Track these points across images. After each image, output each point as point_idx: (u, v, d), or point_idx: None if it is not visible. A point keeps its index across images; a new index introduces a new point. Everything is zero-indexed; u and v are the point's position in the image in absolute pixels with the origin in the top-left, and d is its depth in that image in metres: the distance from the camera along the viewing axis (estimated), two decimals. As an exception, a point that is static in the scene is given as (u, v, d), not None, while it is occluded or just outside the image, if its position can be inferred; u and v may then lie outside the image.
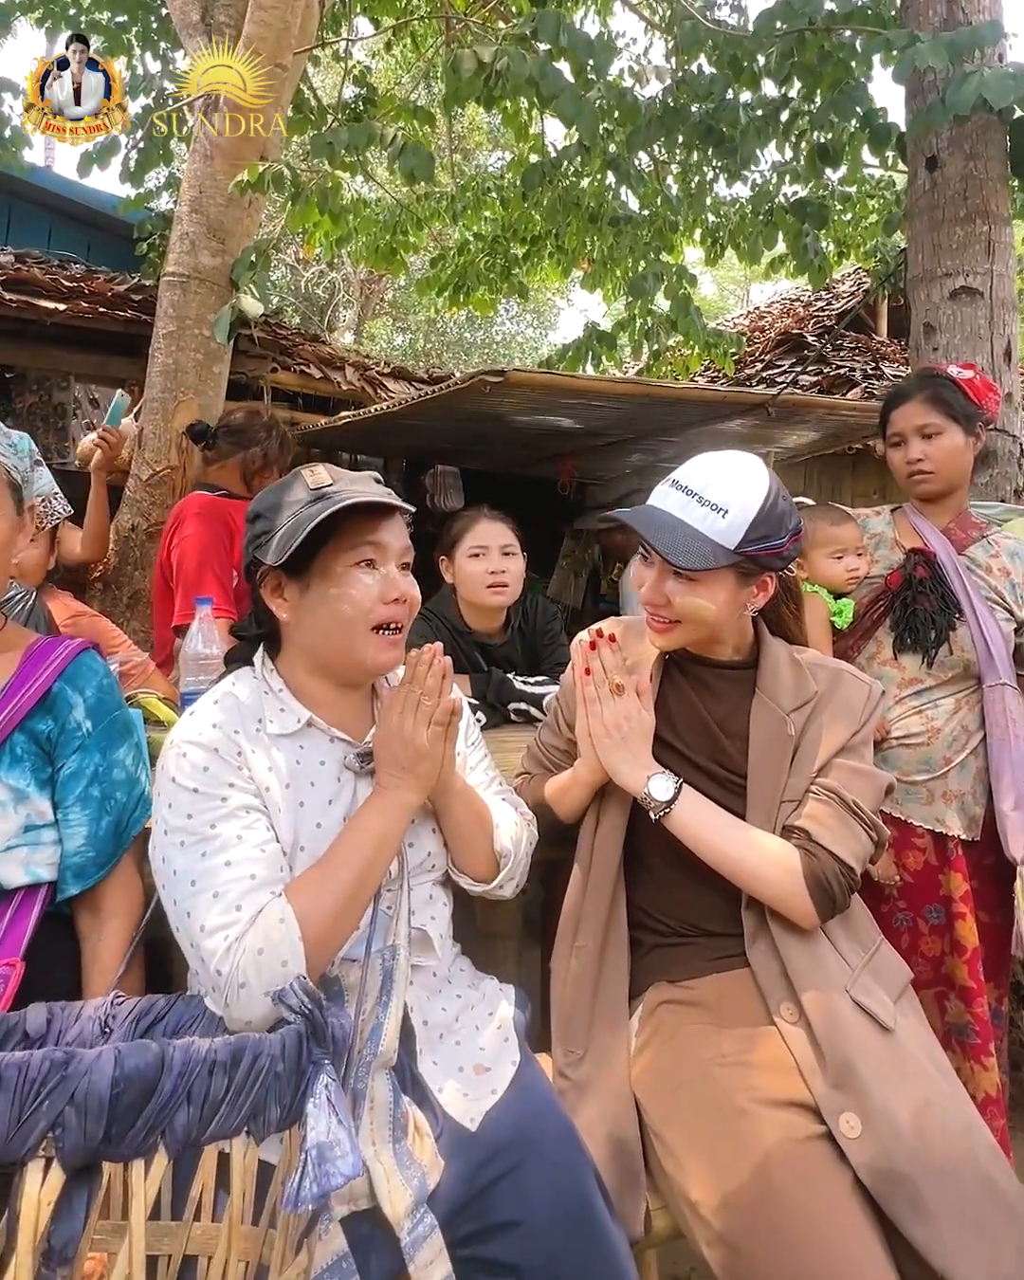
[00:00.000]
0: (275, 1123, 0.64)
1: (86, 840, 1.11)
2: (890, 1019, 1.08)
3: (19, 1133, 0.56)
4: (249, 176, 2.80)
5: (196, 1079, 0.60)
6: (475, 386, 2.33)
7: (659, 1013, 1.14)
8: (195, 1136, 0.60)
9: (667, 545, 1.12)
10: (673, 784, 1.17)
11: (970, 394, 1.87)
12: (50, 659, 1.14)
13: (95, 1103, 0.57)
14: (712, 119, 2.94)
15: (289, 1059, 0.65)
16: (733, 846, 1.14)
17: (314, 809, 1.05)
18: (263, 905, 0.93)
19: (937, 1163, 0.95)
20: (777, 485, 1.18)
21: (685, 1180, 0.97)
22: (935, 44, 2.24)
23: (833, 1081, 1.00)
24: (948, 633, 1.77)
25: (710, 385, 3.70)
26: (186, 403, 2.94)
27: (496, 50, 2.38)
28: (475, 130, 12.35)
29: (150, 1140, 0.59)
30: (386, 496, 1.08)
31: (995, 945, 1.73)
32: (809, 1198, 0.90)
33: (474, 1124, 0.98)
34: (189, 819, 0.98)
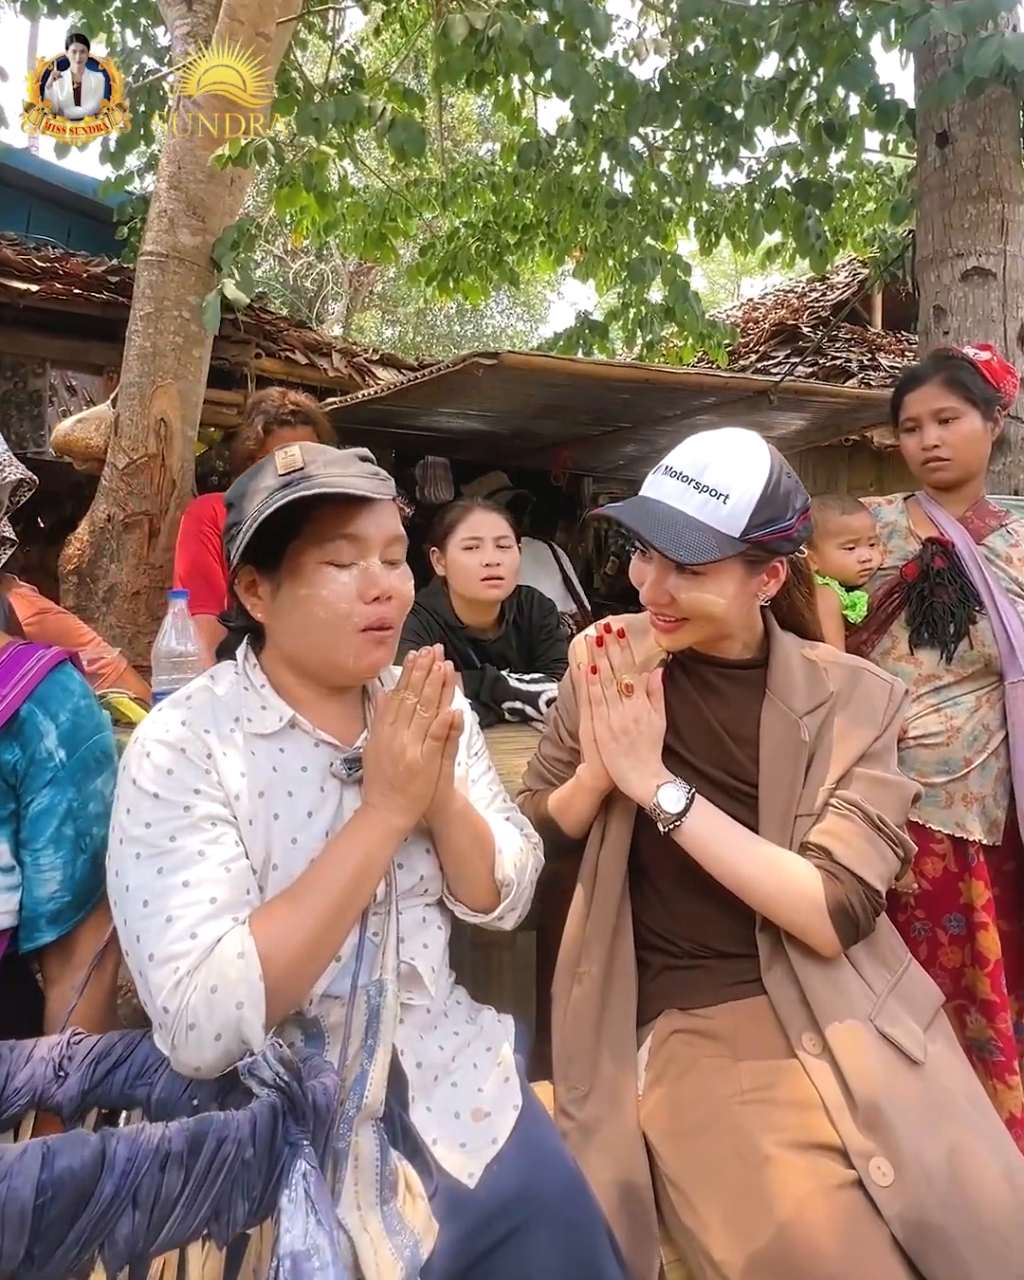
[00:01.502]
0: (242, 1220, 0.53)
1: (62, 885, 0.98)
2: (920, 1051, 0.98)
3: None
4: (230, 151, 2.67)
5: (145, 1176, 0.49)
6: (468, 369, 2.22)
7: (671, 1043, 1.04)
8: (142, 1248, 0.49)
9: (665, 541, 1.01)
10: (685, 794, 1.07)
11: (988, 376, 1.78)
12: (19, 675, 0.99)
13: (16, 1214, 0.46)
14: (712, 95, 2.83)
15: (261, 1141, 0.54)
16: (749, 865, 1.04)
17: (290, 822, 0.93)
18: (222, 934, 0.82)
19: (974, 1213, 0.85)
20: (779, 461, 1.07)
21: (707, 1237, 0.87)
22: (949, 12, 2.14)
23: (862, 1122, 0.90)
24: (967, 626, 1.68)
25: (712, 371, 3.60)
26: (165, 388, 2.82)
27: (489, 16, 2.27)
28: (465, 121, 12.22)
29: (85, 1255, 0.47)
30: (370, 477, 0.96)
31: (1018, 955, 1.65)
32: (846, 1255, 0.81)
33: (473, 1180, 0.87)
34: (147, 828, 0.87)
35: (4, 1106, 0.67)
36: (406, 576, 1.01)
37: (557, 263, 5.22)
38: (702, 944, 1.12)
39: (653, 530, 1.02)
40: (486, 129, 12.10)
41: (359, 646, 0.95)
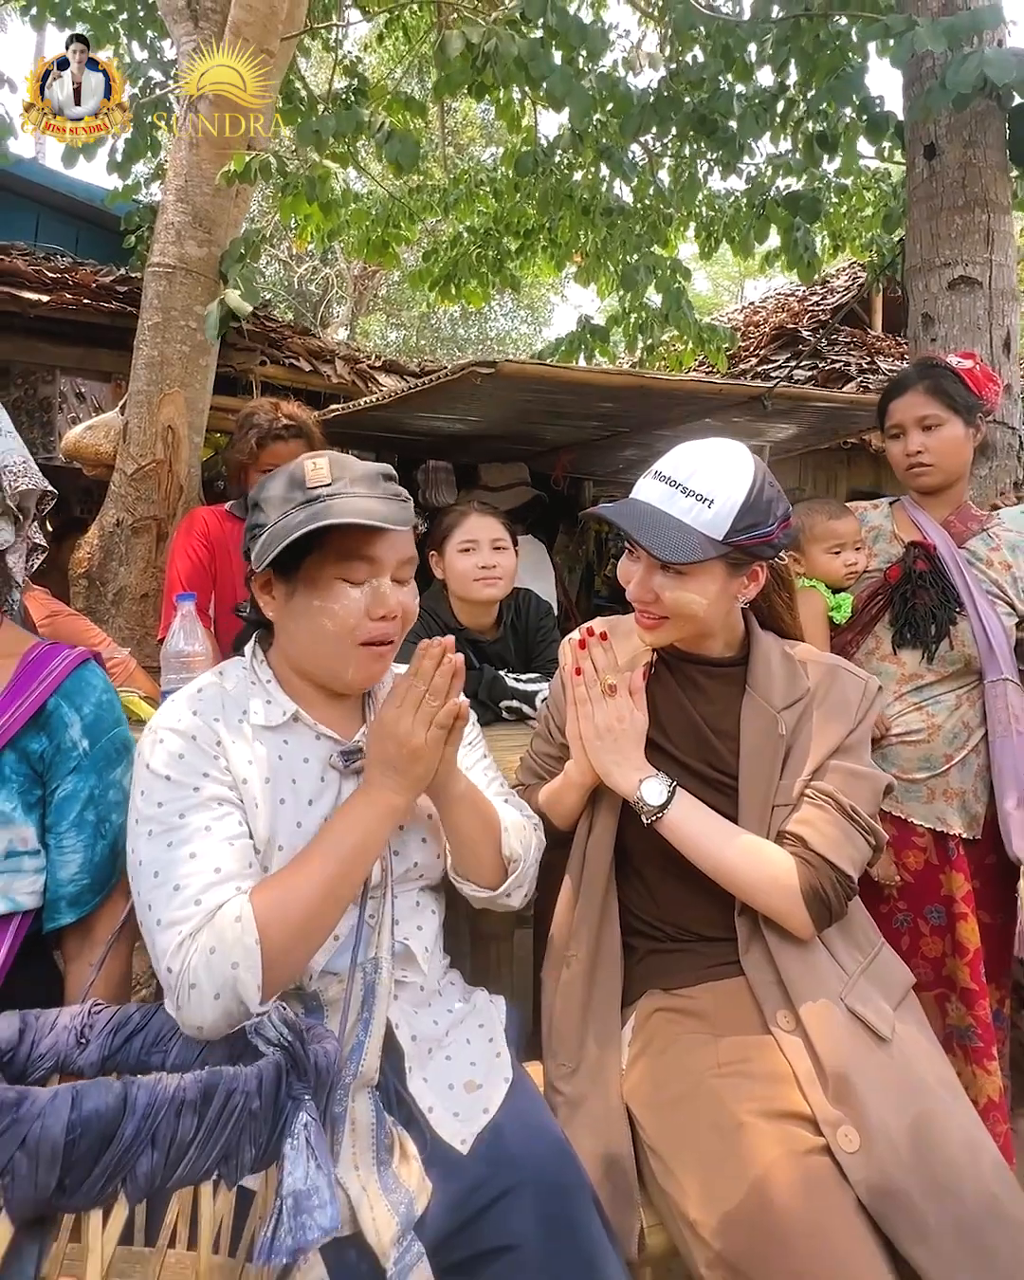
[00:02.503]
0: (249, 1164, 0.59)
1: (82, 867, 1.04)
2: (887, 1028, 1.04)
3: None
4: (235, 166, 2.74)
5: (162, 1120, 0.55)
6: (467, 378, 2.28)
7: (653, 1021, 1.10)
8: (159, 1183, 0.55)
9: (652, 540, 1.07)
10: (666, 788, 1.12)
11: (971, 385, 1.83)
12: (47, 671, 1.06)
13: (48, 1149, 0.52)
14: (705, 108, 2.89)
15: (266, 1095, 0.60)
16: (728, 853, 1.09)
17: (294, 806, 0.99)
18: (224, 901, 0.87)
19: (936, 1179, 0.91)
20: (762, 471, 1.13)
21: (683, 1199, 0.93)
22: (934, 27, 2.20)
23: (831, 1093, 0.96)
24: (948, 627, 1.73)
25: (706, 378, 3.66)
26: (172, 395, 2.89)
27: (485, 32, 2.33)
28: (468, 126, 12.29)
29: (109, 1188, 0.53)
30: (392, 499, 1.00)
31: (997, 946, 1.70)
32: (812, 1216, 0.87)
33: (465, 1146, 0.93)
34: (159, 807, 0.93)
35: (30, 1070, 0.73)
36: (413, 593, 1.06)
37: (558, 268, 5.29)
38: (684, 928, 1.18)
39: (642, 530, 1.07)
40: (490, 133, 12.17)
41: (360, 659, 1.01)
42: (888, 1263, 0.85)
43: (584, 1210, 0.91)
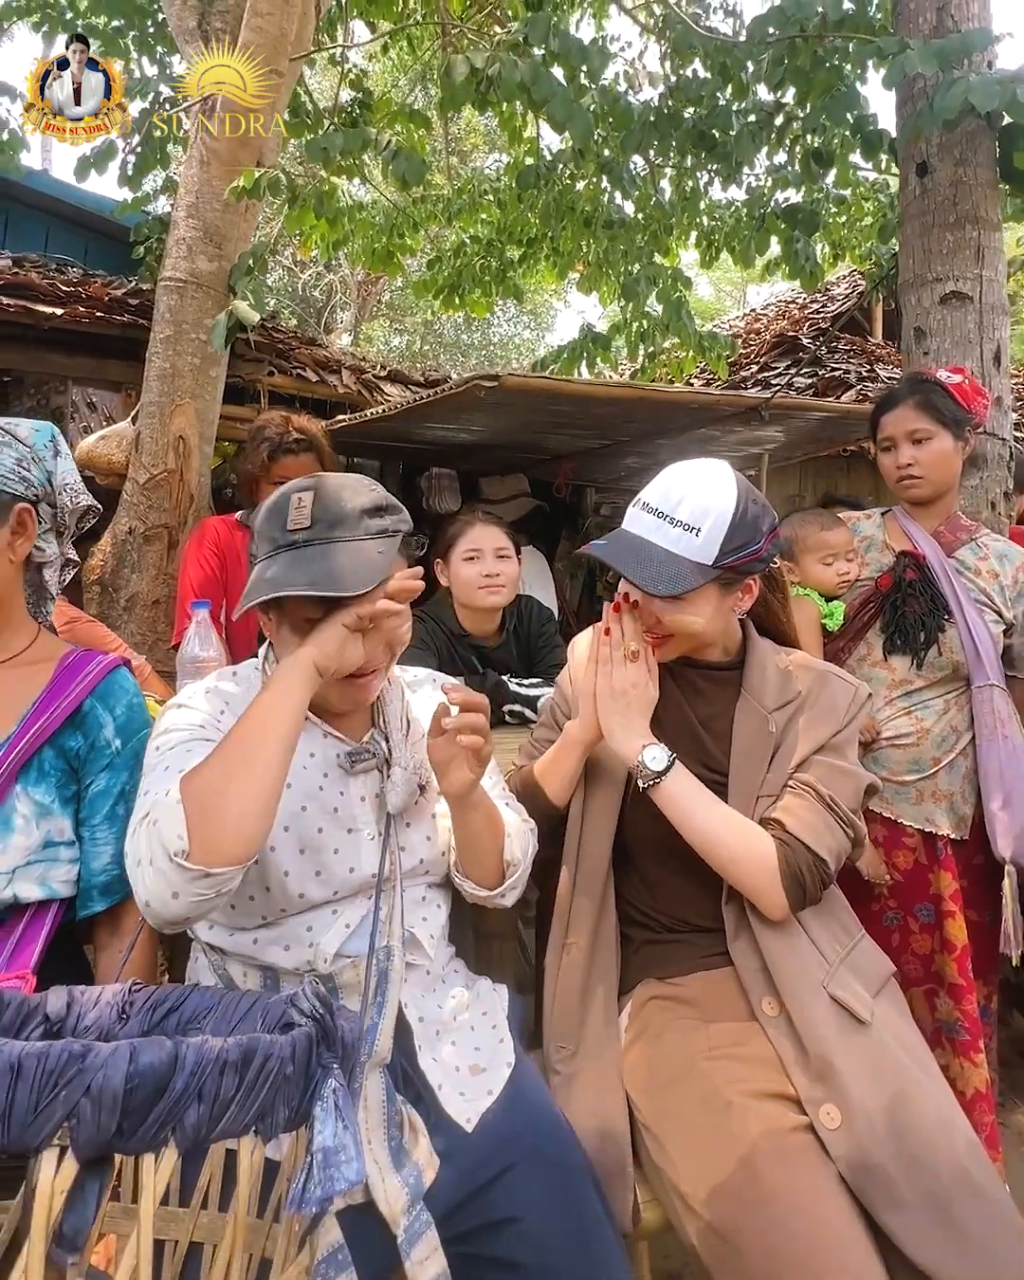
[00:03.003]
0: (282, 1124, 0.65)
1: (113, 858, 1.11)
2: (867, 1012, 1.09)
3: (36, 1122, 0.58)
4: (245, 182, 2.81)
5: (208, 1078, 0.61)
6: (470, 391, 2.35)
7: (648, 1009, 1.16)
8: (204, 1134, 0.61)
9: (643, 576, 1.12)
10: (667, 756, 1.17)
11: (960, 399, 1.89)
12: (83, 674, 1.13)
13: (110, 1097, 0.59)
14: (705, 124, 2.96)
15: (298, 1062, 0.66)
16: (714, 826, 1.14)
17: (300, 792, 1.05)
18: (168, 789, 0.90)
19: (911, 1154, 0.96)
20: (745, 490, 1.18)
21: (675, 1173, 0.99)
22: (925, 51, 2.26)
23: (814, 1075, 1.02)
24: (937, 634, 1.79)
25: (703, 389, 3.71)
26: (183, 406, 2.96)
27: (489, 56, 2.40)
28: (472, 132, 12.38)
29: (161, 1136, 0.60)
30: (374, 537, 0.99)
31: (984, 943, 1.75)
32: (795, 1187, 0.92)
33: (470, 1124, 0.99)
34: (156, 751, 1.00)
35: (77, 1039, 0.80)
36: (404, 618, 1.06)
37: (560, 276, 5.36)
38: (678, 919, 1.24)
39: (631, 567, 1.13)
40: (494, 139, 12.25)
41: (341, 691, 1.06)
42: (866, 1231, 0.91)
43: (582, 1185, 0.98)
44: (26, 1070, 0.58)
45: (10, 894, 1.04)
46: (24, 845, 1.05)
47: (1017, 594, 1.83)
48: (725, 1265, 0.92)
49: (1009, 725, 1.76)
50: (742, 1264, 0.90)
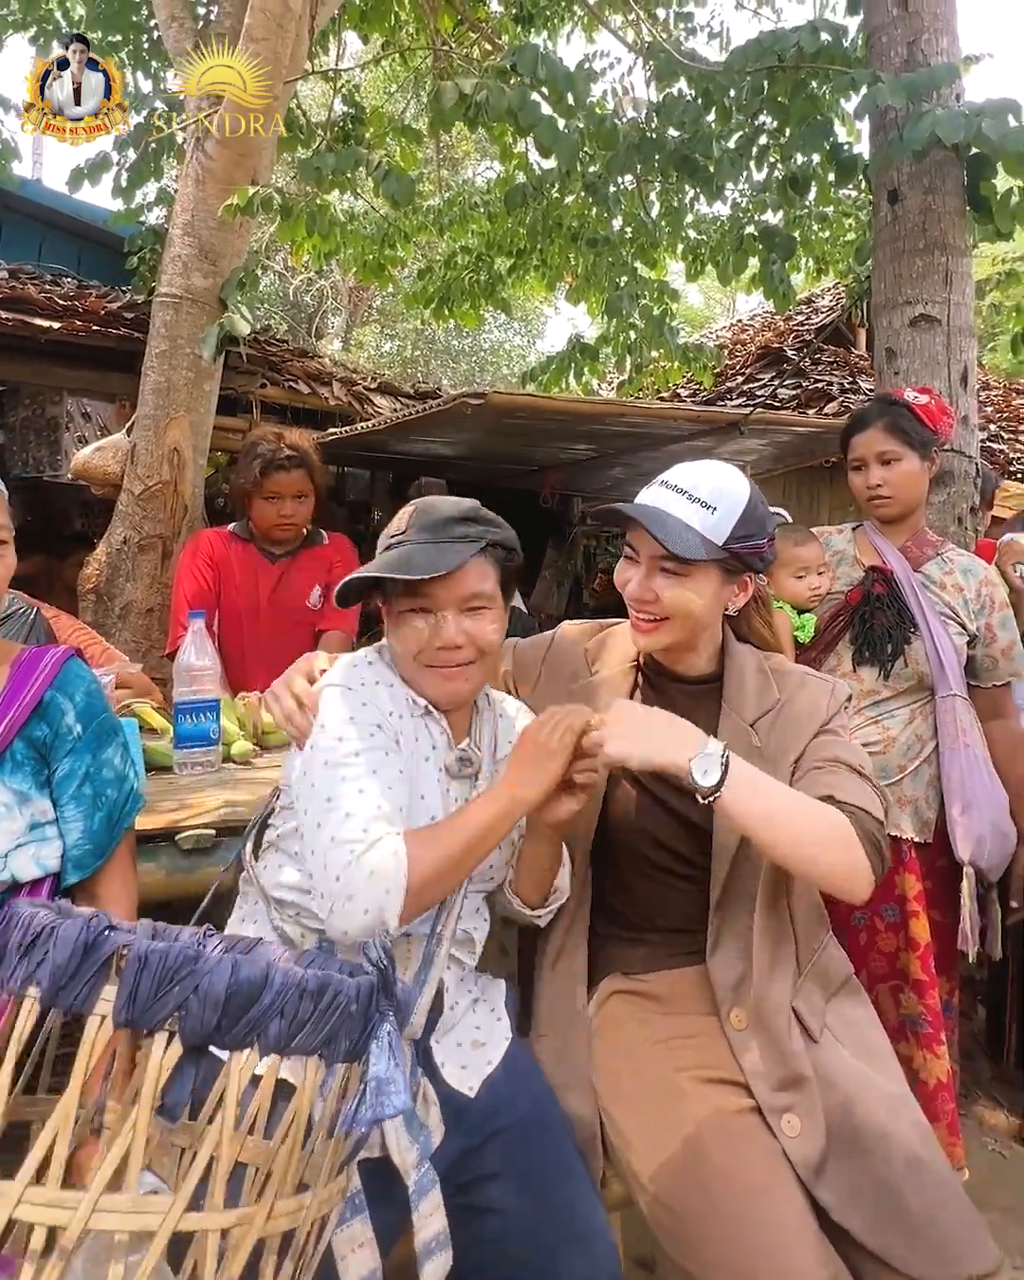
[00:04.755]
0: (342, 1054, 0.75)
1: (82, 834, 1.19)
2: (819, 1029, 1.16)
3: (153, 1007, 0.69)
4: (239, 200, 2.89)
5: (289, 999, 0.72)
6: (457, 408, 2.43)
7: (612, 1001, 1.24)
8: (282, 1045, 0.71)
9: (664, 534, 1.15)
10: (719, 763, 1.05)
11: (926, 420, 1.97)
12: (40, 668, 1.21)
13: (213, 997, 0.70)
14: (687, 148, 3.05)
15: (362, 1002, 0.76)
16: (795, 818, 1.07)
17: (418, 781, 1.16)
18: (382, 835, 1.03)
19: (863, 1148, 1.04)
20: (757, 490, 1.25)
21: (629, 1151, 1.08)
22: (895, 84, 2.36)
23: (778, 1085, 1.09)
24: (903, 646, 1.87)
25: (683, 405, 3.80)
26: (178, 419, 3.03)
27: (477, 84, 2.48)
28: (463, 140, 12.48)
29: (248, 1039, 0.71)
30: (454, 542, 1.13)
31: (946, 942, 1.83)
32: (734, 1163, 1.01)
33: (473, 1091, 1.10)
34: (338, 742, 1.09)
35: None
36: (488, 620, 1.17)
37: (549, 288, 5.45)
38: (651, 921, 1.30)
39: (655, 525, 1.17)
40: (484, 147, 12.35)
41: (429, 679, 1.16)
42: (806, 1205, 0.99)
43: (566, 1145, 1.10)
44: (152, 963, 0.70)
45: (8, 875, 1.13)
46: (11, 830, 1.14)
47: (980, 607, 1.91)
48: (674, 1236, 1.00)
49: (970, 734, 1.85)
50: (688, 1235, 0.98)
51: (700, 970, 1.22)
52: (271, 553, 2.49)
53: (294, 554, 2.51)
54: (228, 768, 1.93)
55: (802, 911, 1.25)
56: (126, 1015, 0.69)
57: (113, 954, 0.71)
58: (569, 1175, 1.07)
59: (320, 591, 2.53)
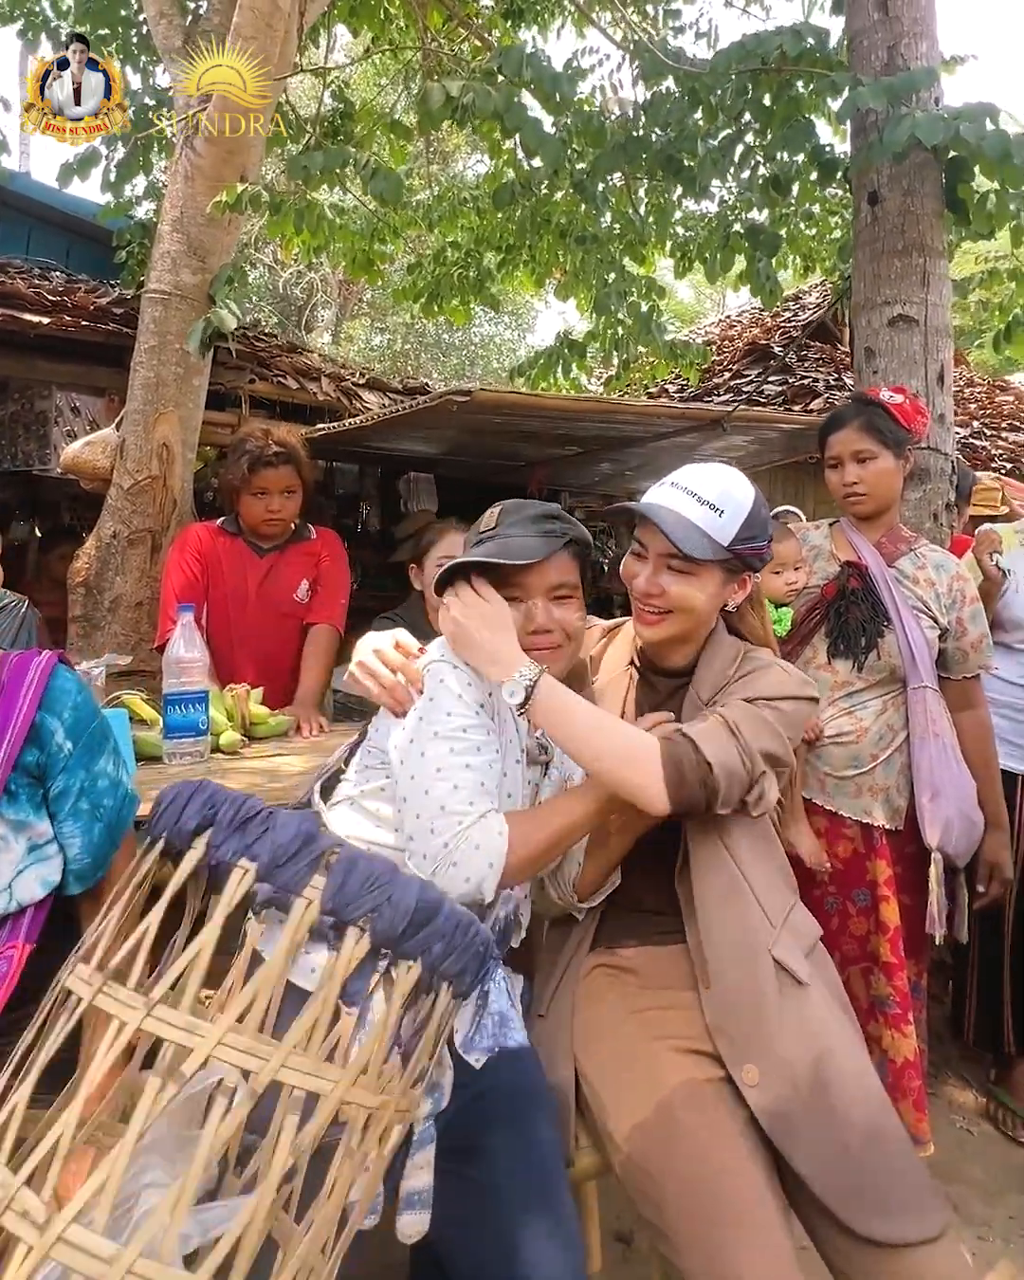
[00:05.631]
0: (468, 985, 0.86)
1: (82, 848, 1.19)
2: (805, 974, 1.20)
3: (354, 902, 0.80)
4: (227, 197, 2.91)
5: (452, 925, 0.83)
6: (443, 405, 2.46)
7: (593, 974, 1.29)
8: (437, 964, 0.82)
9: (677, 534, 1.22)
10: (534, 670, 1.17)
11: (900, 418, 2.02)
12: (25, 686, 1.16)
13: (404, 907, 0.81)
14: (672, 148, 3.08)
15: (485, 947, 0.88)
16: (591, 735, 1.17)
17: (504, 760, 1.22)
18: (487, 811, 1.11)
19: (828, 1105, 1.09)
20: (759, 494, 1.32)
21: (604, 1115, 1.13)
22: (875, 87, 2.40)
23: (741, 1038, 1.14)
24: (876, 639, 1.92)
25: (668, 403, 3.85)
26: (167, 415, 3.05)
27: (463, 86, 2.51)
28: (454, 134, 12.45)
29: (415, 952, 0.81)
30: (543, 537, 1.23)
31: (916, 925, 1.89)
32: (703, 1126, 1.06)
33: (479, 1063, 1.14)
34: (448, 716, 1.16)
35: None
36: (574, 608, 1.28)
37: (538, 284, 5.47)
38: (634, 900, 1.35)
39: (666, 524, 1.23)
40: (474, 141, 12.32)
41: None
42: (768, 1167, 1.04)
43: (535, 1115, 1.13)
44: (359, 865, 0.82)
45: (15, 904, 1.12)
46: (11, 859, 1.13)
47: (951, 601, 1.96)
48: (645, 1193, 1.05)
49: (940, 724, 1.90)
50: (658, 1191, 1.03)
51: (683, 949, 1.27)
52: (260, 547, 2.53)
53: (282, 548, 2.55)
54: (216, 758, 1.97)
55: (768, 871, 1.29)
56: (332, 904, 0.79)
57: (326, 849, 0.81)
58: (540, 1145, 1.09)
59: (308, 585, 2.57)
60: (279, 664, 2.52)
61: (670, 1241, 1.01)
